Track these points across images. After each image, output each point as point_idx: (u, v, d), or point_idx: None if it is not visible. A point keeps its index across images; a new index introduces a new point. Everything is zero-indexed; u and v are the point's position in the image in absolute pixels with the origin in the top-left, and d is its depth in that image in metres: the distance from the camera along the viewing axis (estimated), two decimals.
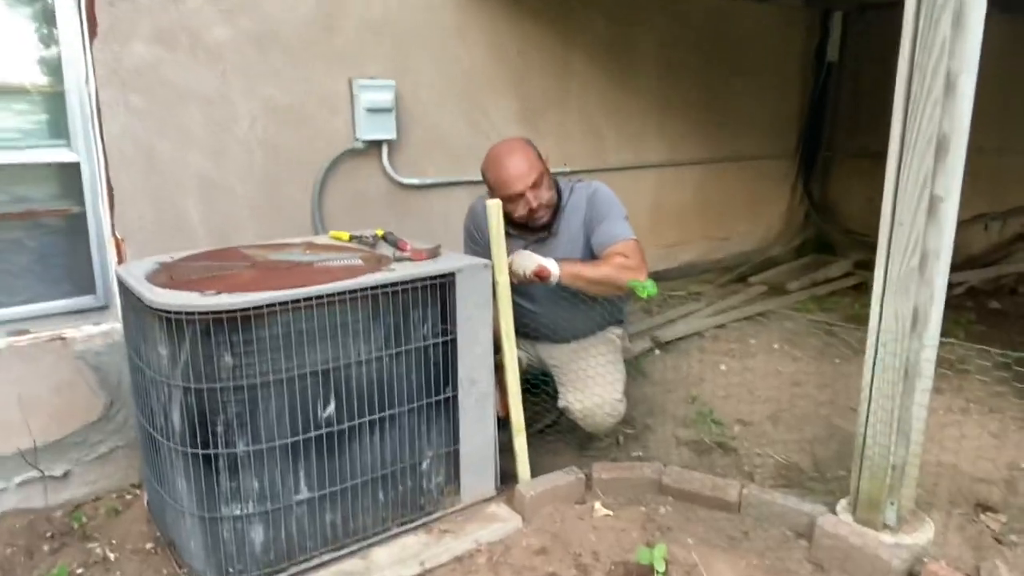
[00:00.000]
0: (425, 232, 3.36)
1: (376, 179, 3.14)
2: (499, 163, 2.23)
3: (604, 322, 2.48)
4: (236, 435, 1.67)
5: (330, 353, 1.73)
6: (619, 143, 4.05)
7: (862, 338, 2.26)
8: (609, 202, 2.30)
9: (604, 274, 2.15)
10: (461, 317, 1.91)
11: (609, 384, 2.30)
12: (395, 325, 1.82)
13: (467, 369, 1.97)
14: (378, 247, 2.17)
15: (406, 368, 1.86)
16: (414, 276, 1.82)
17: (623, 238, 2.23)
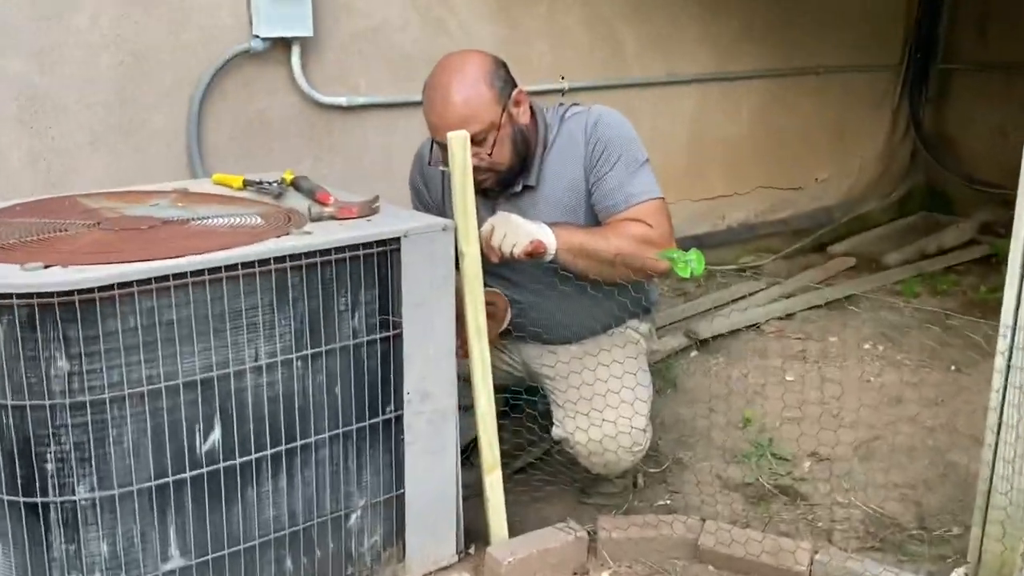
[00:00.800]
0: (357, 177, 3.35)
1: (283, 96, 3.13)
2: (428, 95, 2.23)
3: (622, 314, 2.49)
4: (75, 475, 1.65)
5: (214, 356, 1.72)
6: (641, 48, 4.06)
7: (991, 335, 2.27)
8: (621, 140, 2.29)
9: (617, 249, 2.14)
10: (409, 302, 1.92)
11: (628, 406, 2.31)
12: (311, 314, 1.81)
13: (417, 378, 1.97)
14: (286, 198, 2.16)
15: (327, 377, 1.86)
16: (340, 242, 1.82)
17: (643, 197, 2.24)
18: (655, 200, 2.23)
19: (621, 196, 2.23)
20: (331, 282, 1.82)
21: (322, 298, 1.81)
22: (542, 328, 2.42)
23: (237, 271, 1.70)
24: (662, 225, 2.21)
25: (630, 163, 2.26)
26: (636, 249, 2.15)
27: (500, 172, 2.24)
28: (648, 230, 2.18)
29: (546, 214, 2.28)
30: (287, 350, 1.79)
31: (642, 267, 2.15)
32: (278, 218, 1.96)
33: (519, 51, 3.58)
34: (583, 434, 2.29)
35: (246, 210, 2.03)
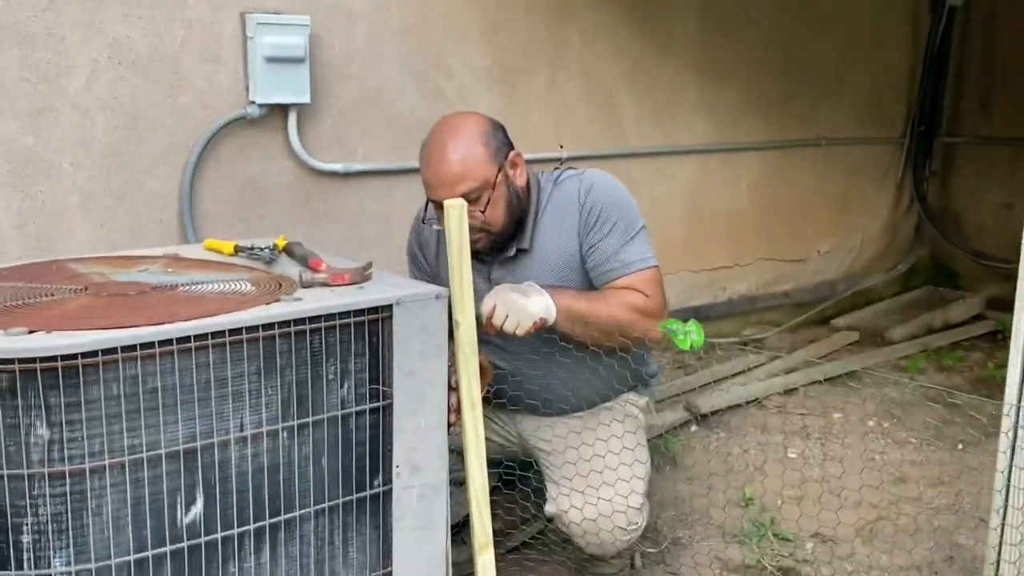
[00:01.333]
0: (352, 243, 3.38)
1: (279, 162, 3.18)
2: (425, 152, 2.27)
3: (620, 386, 2.49)
4: (52, 548, 1.63)
5: (198, 425, 1.71)
6: (640, 117, 4.12)
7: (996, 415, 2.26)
8: (616, 206, 2.32)
9: (613, 317, 2.17)
10: (400, 373, 1.91)
11: (624, 483, 2.30)
12: (299, 384, 1.81)
13: (407, 451, 1.96)
14: (277, 264, 2.18)
15: (314, 449, 1.85)
16: (330, 309, 1.82)
17: (639, 266, 2.28)
18: (650, 269, 2.26)
19: (616, 263, 2.25)
20: (320, 350, 1.82)
21: (310, 367, 1.81)
22: (538, 400, 2.42)
23: (224, 338, 1.69)
24: (657, 295, 2.24)
25: (626, 230, 2.29)
26: (633, 318, 2.18)
27: (494, 233, 2.26)
28: (644, 300, 2.20)
29: (540, 277, 2.31)
30: (273, 420, 1.78)
31: (638, 336, 2.18)
32: (268, 284, 1.97)
33: (518, 119, 3.63)
34: (577, 512, 2.28)
35: (236, 276, 2.04)
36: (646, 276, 2.25)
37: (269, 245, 2.26)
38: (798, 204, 4.75)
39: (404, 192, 3.32)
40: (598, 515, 2.26)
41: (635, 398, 2.54)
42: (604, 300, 2.20)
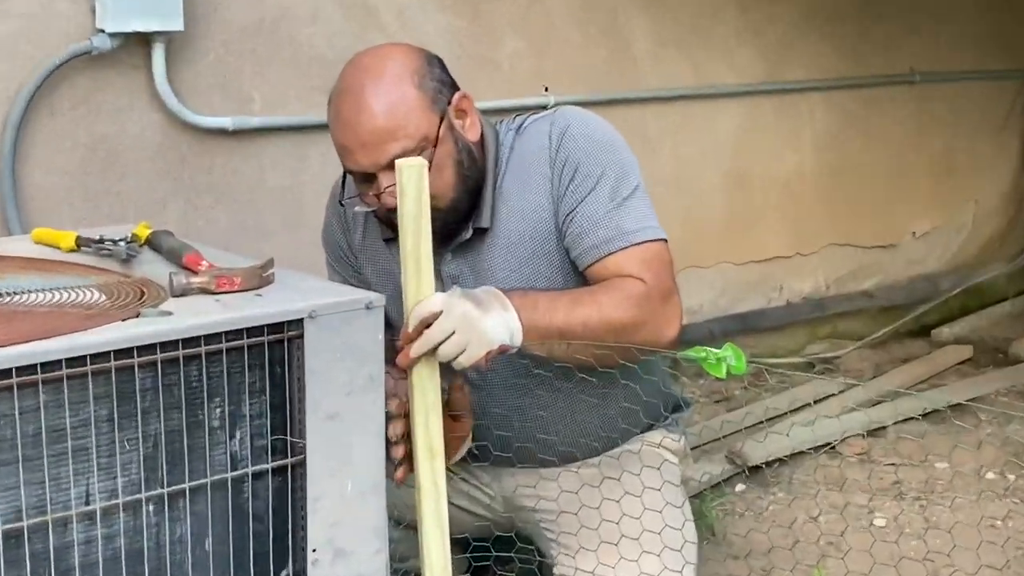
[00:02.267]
0: (246, 232, 3.35)
1: (139, 115, 3.15)
2: (335, 106, 2.27)
3: (646, 418, 2.51)
4: None
5: (23, 497, 1.69)
6: (658, 46, 4.12)
7: None
8: (601, 152, 2.32)
9: (603, 319, 2.15)
10: (316, 417, 1.91)
11: (673, 552, 2.30)
12: (169, 435, 1.80)
13: (327, 528, 1.95)
14: (138, 264, 2.17)
15: (193, 528, 1.84)
16: (214, 327, 1.82)
17: (634, 237, 2.27)
18: (654, 243, 2.26)
19: (604, 234, 2.25)
20: (200, 386, 1.81)
21: (186, 410, 1.80)
22: (532, 443, 2.43)
23: (60, 370, 1.68)
24: (661, 276, 2.24)
25: (616, 186, 2.29)
26: (634, 316, 2.17)
27: (442, 210, 2.25)
28: (643, 288, 2.19)
29: (506, 265, 2.32)
30: (133, 488, 1.77)
31: (644, 341, 2.17)
32: (125, 292, 1.96)
33: (484, 50, 3.63)
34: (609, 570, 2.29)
35: (78, 281, 2.02)
36: (646, 252, 2.25)
37: (126, 236, 2.24)
38: (883, 166, 4.77)
39: (321, 156, 3.30)
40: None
41: (667, 438, 2.55)
42: (590, 300, 2.19)
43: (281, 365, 1.88)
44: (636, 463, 2.43)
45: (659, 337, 2.20)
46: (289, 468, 1.91)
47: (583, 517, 2.35)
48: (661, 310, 2.21)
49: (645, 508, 2.31)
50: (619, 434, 2.50)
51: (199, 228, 3.16)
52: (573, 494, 2.38)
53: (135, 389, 1.75)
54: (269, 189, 3.34)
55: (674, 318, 2.24)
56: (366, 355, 1.94)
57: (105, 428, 1.73)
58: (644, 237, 2.26)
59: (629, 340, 2.17)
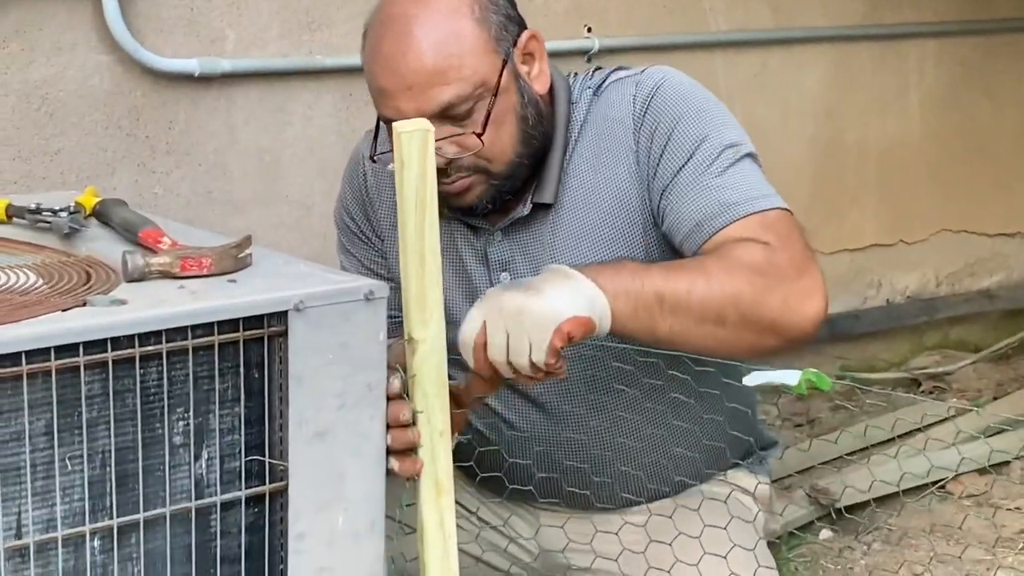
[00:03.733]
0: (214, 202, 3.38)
1: (84, 56, 3.16)
2: (373, 40, 2.28)
3: (730, 455, 2.51)
4: None
5: None
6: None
7: None
8: (700, 115, 2.33)
9: (709, 287, 2.11)
10: (301, 433, 1.91)
11: None
12: (121, 454, 1.80)
13: (313, 573, 1.95)
14: (83, 240, 2.17)
15: (148, 570, 1.84)
16: (177, 320, 1.81)
17: (748, 207, 2.24)
18: (774, 211, 2.23)
19: (706, 210, 2.22)
20: (159, 393, 1.81)
21: (142, 422, 1.80)
22: (585, 485, 2.45)
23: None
24: (791, 242, 2.19)
25: (719, 153, 2.28)
26: (763, 284, 2.10)
27: (495, 175, 2.26)
28: (767, 253, 2.14)
29: (571, 251, 2.33)
30: (75, 518, 1.77)
31: (772, 323, 2.11)
32: (68, 275, 1.96)
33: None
34: None
35: (9, 260, 2.03)
36: (766, 218, 2.21)
37: (68, 206, 2.25)
38: (1010, 133, 4.75)
39: (306, 110, 3.31)
40: None
41: (750, 481, 2.56)
42: (695, 266, 2.14)
43: (260, 369, 1.88)
44: (715, 510, 2.42)
45: (793, 315, 2.11)
46: (267, 497, 1.91)
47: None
48: (793, 279, 2.13)
49: (732, 572, 2.31)
50: (693, 474, 2.51)
51: (155, 198, 3.17)
52: (635, 552, 2.38)
53: (80, 395, 1.74)
54: (242, 151, 3.34)
55: (814, 292, 2.14)
56: (364, 358, 1.94)
57: (42, 443, 1.73)
58: (762, 206, 2.22)
59: (755, 318, 2.11)
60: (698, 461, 2.47)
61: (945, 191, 4.62)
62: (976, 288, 4.78)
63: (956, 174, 4.63)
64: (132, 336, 1.77)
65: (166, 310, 1.81)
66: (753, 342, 2.13)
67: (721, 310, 2.09)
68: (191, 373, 1.83)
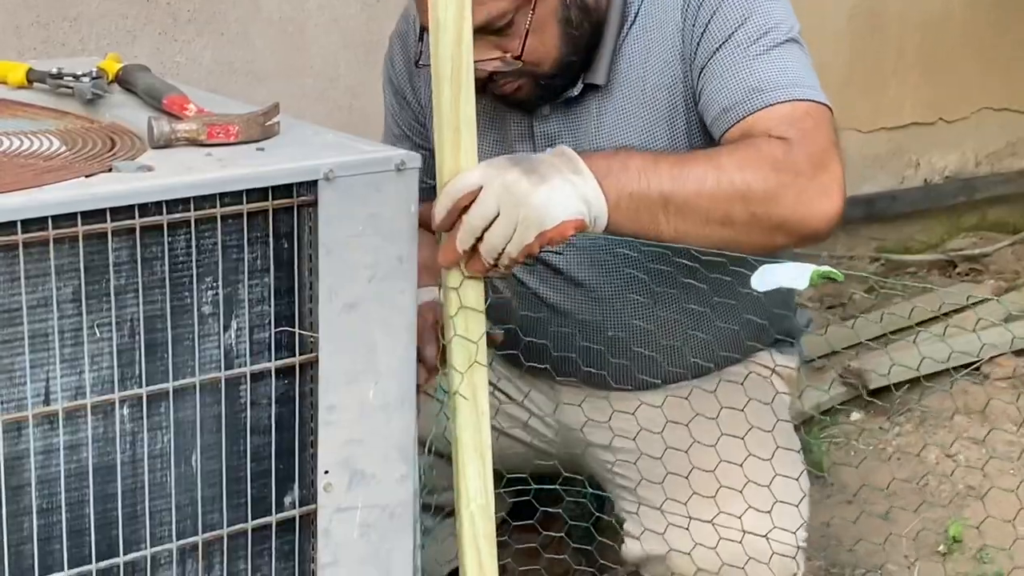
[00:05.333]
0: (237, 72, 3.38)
1: None
2: None
3: (757, 336, 2.53)
4: None
5: None
6: None
7: None
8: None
9: (720, 182, 2.10)
10: (332, 305, 1.92)
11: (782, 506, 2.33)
12: (149, 322, 1.82)
13: (343, 445, 1.98)
14: (106, 106, 2.17)
15: (177, 440, 1.87)
16: (205, 187, 1.82)
17: (782, 94, 2.23)
18: (807, 103, 2.21)
19: (738, 92, 2.22)
20: (187, 262, 1.82)
21: (170, 291, 1.81)
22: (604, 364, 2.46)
23: (13, 235, 1.69)
24: (812, 138, 2.17)
25: (760, 34, 2.27)
26: (779, 181, 2.09)
27: (542, 75, 2.26)
28: (783, 147, 2.15)
29: (619, 131, 2.34)
30: (104, 386, 1.79)
31: (783, 222, 2.11)
32: (92, 141, 1.97)
33: None
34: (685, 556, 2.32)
35: (31, 125, 2.03)
36: (795, 110, 2.19)
37: (90, 71, 2.24)
38: None
39: None
40: (734, 559, 2.30)
41: (780, 362, 2.56)
42: (707, 161, 2.12)
43: (289, 239, 1.89)
44: (738, 390, 2.43)
45: (805, 214, 2.11)
46: (297, 369, 1.93)
47: (669, 462, 2.37)
48: (810, 176, 2.11)
49: (750, 453, 2.32)
50: (720, 356, 2.52)
51: (176, 67, 3.16)
52: (653, 432, 2.40)
53: (107, 262, 1.76)
54: (265, 20, 3.32)
55: (830, 190, 2.12)
56: (395, 230, 1.95)
57: (70, 310, 1.75)
58: (794, 95, 2.21)
59: (764, 216, 2.10)
60: (722, 341, 2.48)
61: (988, 67, 4.58)
62: (1017, 168, 4.76)
63: (1000, 50, 4.59)
64: (160, 203, 1.78)
65: (194, 177, 1.82)
66: (762, 241, 2.12)
67: (730, 208, 2.08)
68: (219, 242, 1.84)
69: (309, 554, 1.99)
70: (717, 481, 2.31)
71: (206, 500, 1.90)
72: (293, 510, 1.97)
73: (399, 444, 2.02)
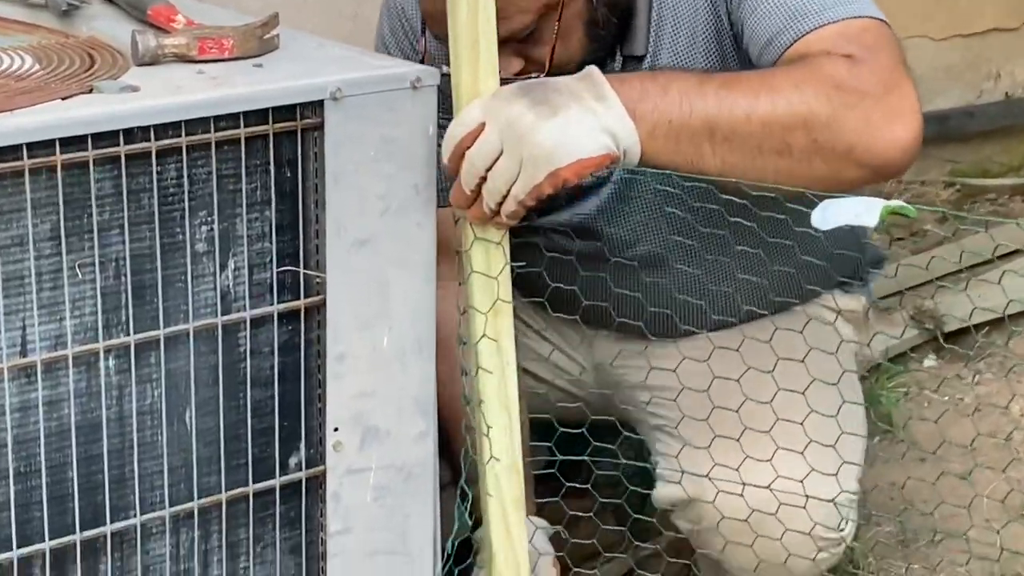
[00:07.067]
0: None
1: None
2: None
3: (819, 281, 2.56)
4: None
5: None
6: None
7: None
8: None
9: (774, 107, 2.06)
10: (341, 241, 1.93)
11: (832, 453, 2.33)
12: (136, 262, 1.82)
13: (355, 399, 1.99)
14: (84, 17, 2.16)
15: (169, 393, 1.87)
16: (197, 110, 1.81)
17: (827, 16, 2.21)
18: (863, 19, 2.20)
19: (784, 16, 2.19)
20: (179, 194, 1.82)
21: (160, 227, 1.81)
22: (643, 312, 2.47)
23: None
24: (878, 55, 2.13)
25: None
26: (834, 103, 2.04)
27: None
28: (847, 65, 2.12)
29: None
30: (86, 334, 1.80)
31: (850, 149, 2.06)
32: (69, 59, 1.97)
33: None
34: (733, 500, 2.34)
35: (3, 41, 2.03)
36: (850, 27, 2.17)
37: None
38: None
39: None
40: (779, 506, 2.31)
41: (844, 304, 2.59)
42: (760, 82, 2.09)
43: (292, 167, 1.89)
44: (788, 341, 2.40)
45: (876, 139, 2.05)
46: (302, 313, 1.93)
47: (712, 402, 2.36)
48: (879, 96, 2.06)
49: (804, 390, 2.29)
50: (778, 298, 2.53)
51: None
52: (696, 372, 2.40)
53: (89, 195, 1.76)
54: None
55: (905, 111, 2.07)
56: (411, 156, 1.95)
57: (48, 249, 1.75)
58: (844, 14, 2.18)
59: (828, 144, 2.05)
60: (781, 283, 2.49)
61: None
62: None
63: None
64: (147, 128, 1.77)
65: (185, 98, 1.81)
66: (827, 173, 2.05)
67: (788, 135, 2.04)
68: (214, 171, 1.83)
69: (317, 521, 2.00)
70: (766, 422, 2.33)
71: (202, 461, 1.90)
72: (299, 472, 1.98)
73: (416, 397, 2.03)
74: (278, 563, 1.99)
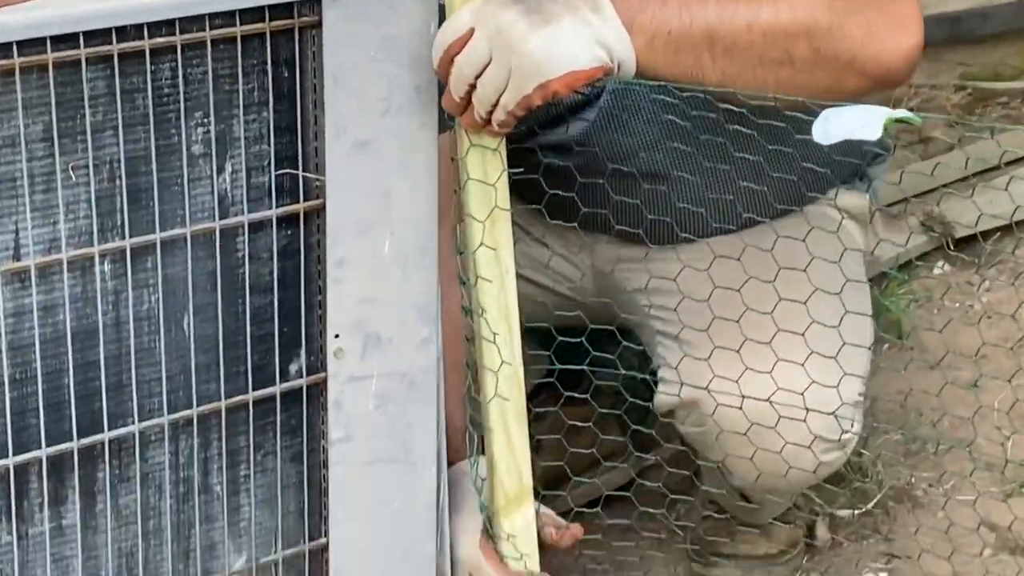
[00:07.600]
0: None
1: None
2: None
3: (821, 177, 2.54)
4: None
5: None
6: None
7: None
8: None
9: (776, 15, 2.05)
10: (341, 143, 1.93)
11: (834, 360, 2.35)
12: (131, 164, 1.82)
13: (356, 305, 2.00)
14: None
15: (166, 299, 1.88)
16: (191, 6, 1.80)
17: None
18: None
19: None
20: (174, 94, 1.82)
21: (155, 128, 1.82)
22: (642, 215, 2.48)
23: None
24: None
25: None
26: (843, 12, 2.05)
27: None
28: None
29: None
30: (81, 238, 1.80)
31: (852, 59, 2.07)
32: None
33: None
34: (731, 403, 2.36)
35: None
36: None
37: None
38: None
39: None
40: (781, 410, 2.33)
41: (849, 200, 2.60)
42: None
43: (290, 67, 1.88)
44: (801, 229, 2.44)
45: (879, 48, 2.07)
46: (301, 217, 1.94)
47: (712, 307, 2.38)
48: (882, 4, 2.08)
49: (812, 292, 2.32)
50: (781, 198, 2.53)
51: None
52: (697, 273, 2.42)
53: (82, 95, 1.76)
54: None
55: (908, 20, 2.09)
56: (412, 56, 1.94)
57: (40, 150, 1.75)
58: None
59: (830, 53, 2.07)
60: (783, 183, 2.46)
61: None
62: None
63: None
64: (140, 25, 1.77)
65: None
66: (828, 83, 2.07)
67: (789, 44, 2.05)
68: (210, 71, 1.83)
69: (318, 429, 2.02)
70: (768, 331, 2.34)
71: (200, 368, 1.92)
72: (299, 379, 1.99)
73: (419, 303, 2.03)
74: (279, 471, 2.01)
